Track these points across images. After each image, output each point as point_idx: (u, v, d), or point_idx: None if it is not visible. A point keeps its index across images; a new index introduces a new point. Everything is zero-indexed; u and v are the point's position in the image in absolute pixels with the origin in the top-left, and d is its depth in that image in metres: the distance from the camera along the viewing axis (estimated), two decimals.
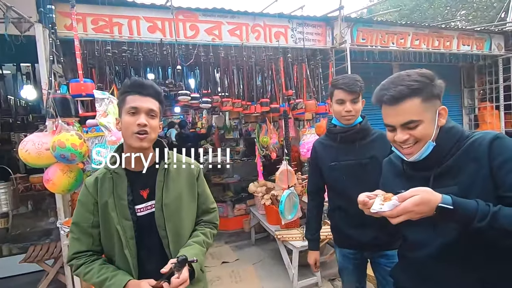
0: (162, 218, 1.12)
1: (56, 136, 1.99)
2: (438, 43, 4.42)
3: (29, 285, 3.16)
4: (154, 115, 1.09)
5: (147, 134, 1.06)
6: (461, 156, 0.91)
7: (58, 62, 2.49)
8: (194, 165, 1.26)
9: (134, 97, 1.07)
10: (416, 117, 0.89)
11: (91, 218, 1.10)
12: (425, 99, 0.89)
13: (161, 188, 1.13)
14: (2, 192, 2.71)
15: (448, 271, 0.92)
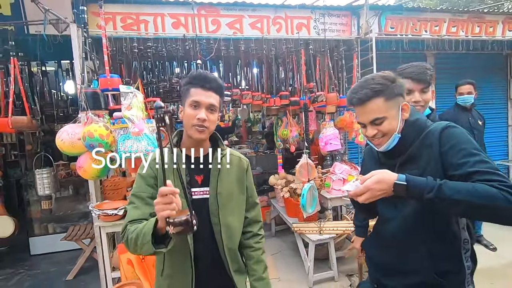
0: (215, 205, 1.17)
1: (86, 127, 2.18)
2: (479, 30, 4.05)
3: (70, 260, 3.53)
4: (214, 109, 1.13)
5: (205, 128, 1.11)
6: (419, 144, 1.07)
7: (90, 59, 2.70)
8: (244, 159, 1.31)
9: (197, 91, 1.11)
10: (380, 114, 1.04)
11: (151, 190, 1.14)
12: (387, 98, 1.03)
13: (216, 177, 1.18)
14: (45, 176, 3.04)
15: (404, 242, 1.09)
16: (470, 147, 0.97)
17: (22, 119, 2.53)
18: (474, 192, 0.86)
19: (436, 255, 1.04)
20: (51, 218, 3.95)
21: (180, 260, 1.16)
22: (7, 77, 2.80)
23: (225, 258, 1.20)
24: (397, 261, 1.11)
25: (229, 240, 1.20)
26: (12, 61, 2.50)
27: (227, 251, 1.20)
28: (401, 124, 1.07)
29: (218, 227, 1.17)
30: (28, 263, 3.67)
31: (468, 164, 0.94)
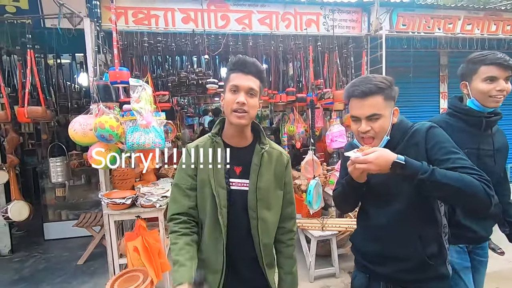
0: (254, 200, 1.15)
1: (97, 118, 2.26)
2: (496, 28, 3.93)
3: (81, 246, 3.68)
4: (253, 93, 1.11)
5: (245, 113, 1.09)
6: (406, 143, 1.14)
7: (102, 52, 2.79)
8: (284, 154, 1.28)
9: (236, 75, 1.10)
10: (378, 111, 1.09)
11: (190, 181, 1.17)
12: (386, 98, 1.10)
13: (257, 171, 1.16)
14: (58, 165, 3.18)
15: (396, 232, 1.15)
16: (451, 145, 1.09)
17: (37, 109, 2.65)
18: (461, 179, 0.97)
19: (425, 240, 1.12)
20: (65, 205, 4.12)
21: (212, 248, 1.17)
22: (24, 69, 2.92)
23: (260, 252, 1.19)
24: (389, 250, 1.17)
25: (265, 235, 1.20)
26: (29, 53, 2.61)
27: (262, 246, 1.19)
28: (390, 127, 1.14)
29: (255, 222, 1.16)
30: (42, 247, 3.85)
31: (451, 160, 1.04)
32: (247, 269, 1.21)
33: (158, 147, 2.46)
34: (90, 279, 3.05)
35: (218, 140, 1.17)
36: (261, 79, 1.14)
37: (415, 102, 4.46)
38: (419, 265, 1.13)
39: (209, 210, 1.15)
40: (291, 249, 1.30)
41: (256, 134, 1.23)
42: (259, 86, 1.13)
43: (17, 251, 3.73)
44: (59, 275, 3.16)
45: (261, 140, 1.21)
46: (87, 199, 4.25)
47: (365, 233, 1.27)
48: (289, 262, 1.29)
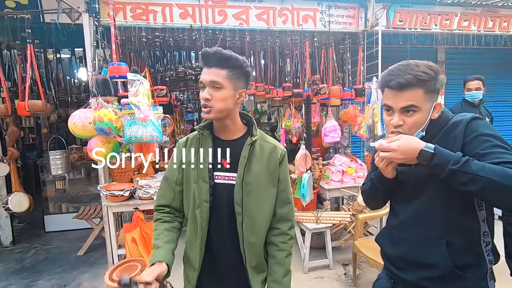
0: (240, 194, 1.09)
1: (96, 112, 2.31)
2: (493, 24, 3.95)
3: (81, 238, 3.75)
4: (218, 86, 1.03)
5: (211, 107, 1.05)
6: (443, 135, 1.01)
7: (101, 47, 2.83)
8: (279, 148, 1.19)
9: (203, 70, 1.05)
10: (417, 103, 0.96)
11: (177, 174, 1.16)
12: (428, 91, 0.96)
13: (244, 164, 1.10)
14: (58, 157, 3.24)
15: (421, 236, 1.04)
16: (496, 139, 0.93)
17: (37, 103, 2.70)
18: (502, 172, 0.82)
19: (454, 248, 0.98)
20: (65, 198, 4.19)
21: (191, 244, 1.16)
22: (24, 63, 2.97)
23: (243, 251, 1.12)
24: (414, 255, 1.06)
25: (251, 234, 1.12)
26: (29, 48, 2.66)
27: (247, 245, 1.12)
28: (427, 123, 1.00)
29: (241, 218, 1.10)
30: (43, 239, 3.93)
31: (494, 155, 0.88)
32: (228, 269, 1.16)
33: (156, 140, 2.51)
34: (90, 269, 3.13)
35: (205, 134, 1.14)
36: (229, 67, 1.03)
37: None
38: (446, 274, 0.99)
39: (191, 204, 1.13)
40: (283, 254, 1.17)
41: (249, 127, 1.18)
42: (227, 76, 1.03)
43: (18, 243, 3.80)
44: (59, 266, 3.23)
45: (251, 133, 1.15)
46: (87, 192, 4.32)
47: (390, 234, 1.16)
48: (280, 269, 1.16)
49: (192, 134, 1.20)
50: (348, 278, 2.92)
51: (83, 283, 2.89)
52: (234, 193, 1.10)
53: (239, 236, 1.12)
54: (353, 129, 3.68)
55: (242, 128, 1.17)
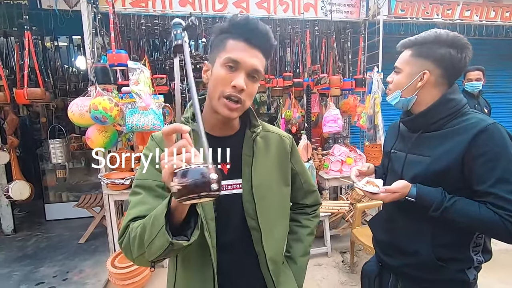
0: (252, 203, 0.85)
1: (92, 100, 2.30)
2: (495, 14, 3.92)
3: (82, 226, 3.79)
4: (257, 77, 0.79)
5: (239, 104, 0.77)
6: (448, 133, 0.97)
7: (99, 35, 2.79)
8: (285, 137, 0.96)
9: (238, 45, 0.76)
10: (399, 65, 1.05)
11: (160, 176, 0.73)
12: (415, 54, 1.00)
13: (250, 164, 0.86)
14: (57, 146, 3.24)
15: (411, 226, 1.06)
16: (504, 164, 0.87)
17: (36, 91, 2.68)
18: (478, 220, 0.89)
19: (440, 243, 1.00)
20: (65, 187, 4.21)
21: (196, 276, 0.83)
22: (22, 51, 2.93)
23: (268, 273, 0.88)
24: (399, 242, 1.09)
25: (273, 249, 0.88)
26: (26, 35, 2.62)
27: (271, 265, 0.87)
28: (411, 89, 1.02)
29: (258, 234, 0.86)
30: (44, 227, 3.96)
31: (487, 183, 0.89)
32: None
33: (157, 129, 2.52)
34: (91, 257, 3.17)
35: (194, 127, 0.74)
36: (267, 57, 0.83)
37: None
38: (427, 264, 1.01)
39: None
40: (305, 231, 1.01)
41: (244, 117, 0.89)
42: (263, 66, 0.82)
43: (19, 231, 3.83)
44: (61, 253, 3.27)
45: (251, 123, 0.89)
46: (87, 181, 4.33)
47: (382, 220, 1.20)
48: (298, 246, 0.99)
49: None
50: (346, 265, 2.98)
51: (85, 270, 2.93)
52: (244, 203, 0.85)
53: (260, 257, 0.87)
54: (353, 119, 3.68)
55: (237, 120, 0.90)
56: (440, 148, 0.97)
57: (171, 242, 0.60)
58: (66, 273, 2.88)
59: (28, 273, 2.90)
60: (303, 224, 1.02)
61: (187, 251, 0.79)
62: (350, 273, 2.86)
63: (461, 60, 0.97)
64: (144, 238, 0.65)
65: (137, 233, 0.68)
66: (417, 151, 1.03)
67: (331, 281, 2.76)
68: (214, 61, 0.79)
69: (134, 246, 0.69)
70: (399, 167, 1.07)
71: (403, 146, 1.11)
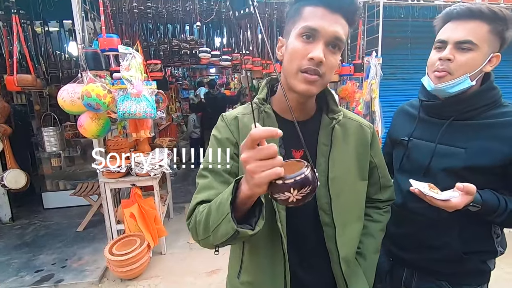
0: (327, 197, 0.78)
1: (84, 86, 2.24)
2: None
3: (80, 215, 3.80)
4: (338, 47, 0.70)
5: (318, 77, 0.69)
6: (490, 125, 0.88)
7: (90, 19, 2.70)
8: (366, 125, 0.87)
9: (317, 11, 0.68)
10: (476, 40, 0.85)
11: (229, 162, 0.78)
12: (493, 31, 0.85)
13: (327, 155, 0.79)
14: (51, 134, 3.20)
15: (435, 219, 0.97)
16: None
17: (27, 77, 2.61)
18: None
19: (467, 236, 0.94)
20: (62, 175, 4.19)
21: (266, 269, 0.79)
22: (11, 35, 2.83)
23: (340, 273, 0.81)
24: (422, 237, 1.01)
25: (346, 247, 0.81)
26: (14, 19, 2.52)
27: (344, 264, 0.81)
28: (478, 74, 0.89)
29: (332, 230, 0.79)
30: (42, 216, 3.97)
31: None
32: None
33: (150, 116, 2.47)
34: (90, 244, 3.18)
35: (267, 110, 0.78)
36: (351, 23, 0.72)
37: (414, 74, 4.39)
38: (451, 258, 0.97)
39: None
40: (377, 226, 0.93)
41: (322, 100, 0.83)
42: (347, 35, 0.72)
43: (17, 219, 3.84)
44: (60, 241, 3.29)
45: (330, 108, 0.82)
46: (84, 170, 4.31)
47: (394, 211, 1.04)
48: (370, 242, 0.90)
49: (242, 111, 0.83)
50: None
51: (84, 257, 2.95)
52: (318, 197, 0.78)
53: (332, 255, 0.81)
54: (351, 106, 3.63)
55: (314, 104, 0.83)
56: (479, 141, 0.88)
57: (237, 230, 0.59)
58: (65, 260, 2.90)
59: (27, 261, 2.92)
60: (375, 219, 0.93)
61: (255, 239, 0.71)
62: None
63: None
64: (210, 223, 0.65)
65: (203, 217, 0.68)
66: (448, 141, 0.93)
67: None
68: (289, 34, 0.73)
69: (199, 229, 0.69)
70: (425, 158, 0.97)
71: (427, 134, 0.99)
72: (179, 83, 7.17)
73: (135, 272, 2.55)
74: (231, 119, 0.81)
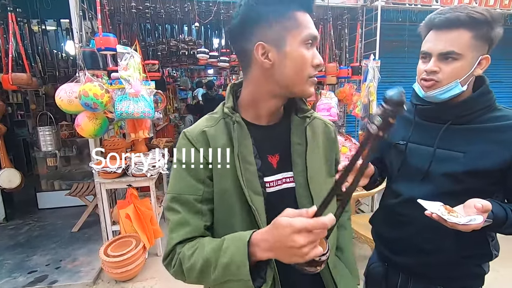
0: (308, 197, 0.75)
1: (81, 86, 2.23)
2: (494, 2, 3.83)
3: (75, 215, 3.76)
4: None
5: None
6: (487, 129, 0.88)
7: (88, 18, 2.68)
8: (329, 124, 0.89)
9: (306, 16, 0.69)
10: (459, 50, 0.84)
11: (201, 188, 0.72)
12: (477, 36, 0.83)
13: (303, 154, 0.77)
14: (47, 134, 3.17)
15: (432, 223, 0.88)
16: None
17: (22, 76, 2.58)
18: None
19: (464, 240, 0.91)
20: (57, 175, 4.15)
21: None
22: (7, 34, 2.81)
23: (330, 275, 0.78)
24: (418, 239, 0.99)
25: (332, 247, 0.81)
26: (10, 17, 2.50)
27: (332, 264, 0.79)
28: (467, 78, 0.88)
29: None
30: (36, 216, 3.92)
31: None
32: None
33: (148, 116, 2.46)
34: (85, 245, 3.15)
35: (238, 119, 0.73)
36: None
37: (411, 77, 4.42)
38: (448, 262, 0.97)
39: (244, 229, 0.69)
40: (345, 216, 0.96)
41: (289, 101, 0.79)
42: None
43: (11, 219, 3.79)
44: (54, 241, 3.25)
45: (299, 107, 0.80)
46: (79, 170, 4.27)
47: (388, 215, 1.05)
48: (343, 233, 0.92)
49: (207, 123, 0.76)
50: None
51: (78, 258, 2.92)
52: (298, 198, 0.76)
53: None
54: (349, 108, 3.65)
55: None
56: (478, 145, 0.88)
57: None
58: (59, 261, 2.87)
59: (20, 262, 2.88)
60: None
61: None
62: None
63: None
64: (211, 276, 0.63)
65: (197, 267, 0.64)
66: (446, 145, 0.92)
67: None
68: (282, 40, 0.67)
69: (190, 276, 0.67)
70: (425, 162, 0.95)
71: (424, 138, 0.98)
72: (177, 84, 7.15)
73: (130, 274, 2.52)
74: (197, 135, 0.74)
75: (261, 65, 0.69)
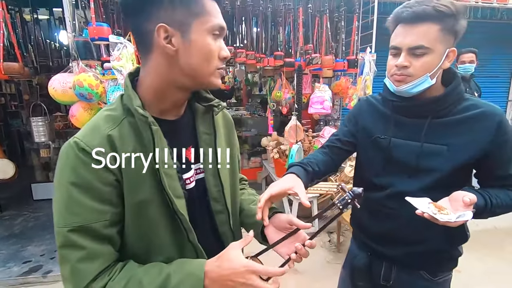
0: (218, 186, 0.77)
1: (76, 76, 2.21)
2: None
3: None
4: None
5: None
6: (464, 120, 0.91)
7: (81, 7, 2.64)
8: (226, 111, 0.87)
9: (215, 5, 0.65)
10: (428, 44, 0.85)
11: (107, 211, 0.61)
12: (444, 29, 0.84)
13: (212, 143, 0.77)
14: (40, 124, 3.14)
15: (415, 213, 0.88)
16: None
17: (14, 65, 2.55)
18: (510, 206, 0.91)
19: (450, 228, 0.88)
20: (52, 166, 4.14)
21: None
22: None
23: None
24: (402, 233, 1.01)
25: (237, 227, 0.86)
26: (0, 5, 2.45)
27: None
28: (437, 72, 0.90)
29: (225, 216, 0.79)
30: (31, 207, 3.92)
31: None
32: None
33: None
34: None
35: (151, 120, 0.63)
36: None
37: None
38: (436, 251, 1.00)
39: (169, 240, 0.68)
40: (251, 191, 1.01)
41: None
42: None
43: (6, 210, 3.79)
44: (49, 232, 3.26)
45: (202, 96, 0.77)
46: None
47: (375, 208, 1.05)
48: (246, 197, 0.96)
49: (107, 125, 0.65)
50: (332, 244, 3.05)
51: None
52: (209, 188, 0.76)
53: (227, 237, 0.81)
54: (344, 101, 3.65)
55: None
56: (458, 136, 0.91)
57: None
58: (54, 252, 2.88)
59: (15, 252, 2.89)
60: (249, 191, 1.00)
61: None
62: (336, 252, 2.94)
63: None
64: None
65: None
66: (430, 139, 0.94)
67: (318, 260, 2.83)
68: (188, 26, 0.61)
69: None
70: (411, 158, 0.96)
71: (409, 134, 0.98)
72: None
73: None
74: (99, 143, 0.61)
75: (163, 50, 0.62)
